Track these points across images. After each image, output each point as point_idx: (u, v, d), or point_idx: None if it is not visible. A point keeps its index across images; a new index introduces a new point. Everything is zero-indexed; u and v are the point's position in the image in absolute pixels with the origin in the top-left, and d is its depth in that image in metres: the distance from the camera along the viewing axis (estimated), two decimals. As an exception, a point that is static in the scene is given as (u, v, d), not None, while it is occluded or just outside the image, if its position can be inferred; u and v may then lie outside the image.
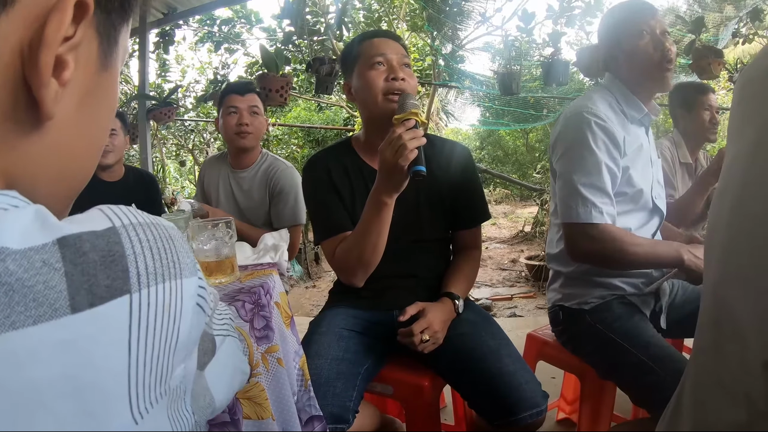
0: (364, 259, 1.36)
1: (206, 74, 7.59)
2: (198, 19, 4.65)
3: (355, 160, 1.53)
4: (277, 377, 1.02)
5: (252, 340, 0.97)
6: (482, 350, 1.33)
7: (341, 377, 1.25)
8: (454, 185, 1.53)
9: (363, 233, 1.33)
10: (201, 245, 1.16)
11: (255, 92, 2.18)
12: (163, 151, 8.32)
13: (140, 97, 4.08)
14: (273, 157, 2.26)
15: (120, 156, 2.58)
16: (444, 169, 1.52)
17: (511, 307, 4.26)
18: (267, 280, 1.15)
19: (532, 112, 7.95)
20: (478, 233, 1.61)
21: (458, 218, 1.55)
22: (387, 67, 1.41)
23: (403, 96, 1.33)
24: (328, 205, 1.47)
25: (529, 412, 1.23)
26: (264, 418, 0.92)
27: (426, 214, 1.50)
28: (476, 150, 15.53)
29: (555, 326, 1.62)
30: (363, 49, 1.44)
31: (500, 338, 1.39)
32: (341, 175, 1.49)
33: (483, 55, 15.51)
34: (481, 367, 1.29)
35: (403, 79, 1.39)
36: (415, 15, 6.23)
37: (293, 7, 3.16)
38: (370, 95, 1.41)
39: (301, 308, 4.58)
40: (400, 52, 1.44)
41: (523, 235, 7.70)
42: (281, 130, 7.70)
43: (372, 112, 1.44)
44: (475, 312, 1.50)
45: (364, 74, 1.42)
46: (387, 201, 1.28)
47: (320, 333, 1.39)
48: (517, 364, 1.30)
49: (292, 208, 2.14)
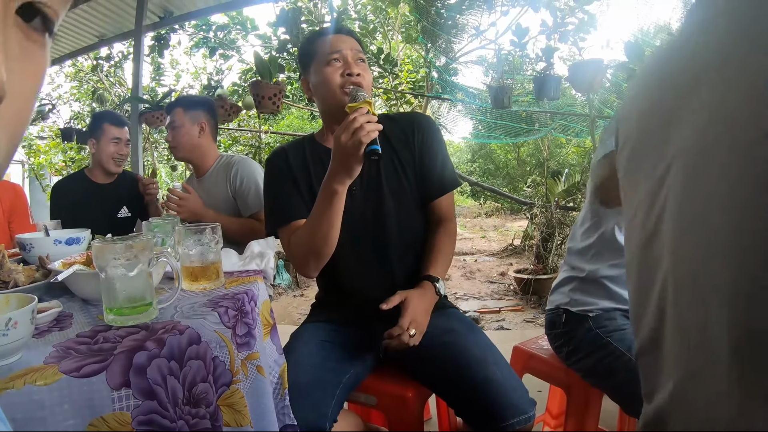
0: (315, 249, 1.35)
1: (200, 79, 7.58)
2: (194, 23, 4.66)
3: (315, 146, 1.55)
4: (257, 385, 1.01)
5: (233, 346, 0.96)
6: (468, 358, 1.31)
7: (319, 385, 1.24)
8: (415, 154, 1.51)
9: (314, 223, 1.33)
10: (186, 250, 1.16)
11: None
12: (154, 155, 8.27)
13: (133, 99, 4.06)
14: (229, 155, 2.35)
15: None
16: (405, 141, 1.51)
17: (499, 320, 4.26)
18: (251, 287, 1.14)
19: (523, 126, 8.02)
20: (451, 203, 1.58)
21: (427, 186, 1.52)
22: (343, 63, 1.43)
23: (354, 89, 1.35)
24: (285, 192, 1.48)
25: (517, 418, 1.22)
26: (243, 425, 0.91)
27: (392, 190, 1.48)
28: (467, 162, 15.61)
29: (552, 329, 1.61)
30: (319, 46, 1.46)
31: (486, 346, 1.38)
32: (300, 162, 1.51)
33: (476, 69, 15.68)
34: (467, 374, 1.28)
35: (359, 74, 1.41)
36: (409, 27, 6.27)
37: (289, 16, 3.18)
38: (328, 91, 1.43)
39: (289, 316, 4.55)
40: (355, 47, 1.46)
41: (513, 249, 7.71)
42: (273, 137, 7.68)
43: (330, 106, 1.46)
44: (460, 321, 1.48)
45: (321, 71, 1.44)
46: (338, 189, 1.27)
47: (302, 342, 1.39)
48: (504, 371, 1.29)
49: (255, 193, 2.19)
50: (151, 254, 0.94)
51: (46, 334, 0.87)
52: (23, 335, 0.74)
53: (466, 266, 6.78)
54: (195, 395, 0.82)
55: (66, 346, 0.80)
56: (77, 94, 8.00)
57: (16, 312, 0.73)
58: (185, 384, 0.81)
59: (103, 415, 0.70)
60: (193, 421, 0.81)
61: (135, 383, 0.74)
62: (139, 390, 0.74)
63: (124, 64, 6.42)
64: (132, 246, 0.90)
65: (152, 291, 0.94)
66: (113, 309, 0.89)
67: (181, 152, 2.28)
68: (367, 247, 1.46)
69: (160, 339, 0.81)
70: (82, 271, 1.04)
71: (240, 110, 3.77)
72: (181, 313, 0.96)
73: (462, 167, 14.90)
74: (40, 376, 0.68)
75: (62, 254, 1.29)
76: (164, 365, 0.78)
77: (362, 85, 1.39)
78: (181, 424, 0.78)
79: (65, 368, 0.71)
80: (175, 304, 1.01)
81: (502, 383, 1.25)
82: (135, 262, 0.90)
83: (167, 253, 1.00)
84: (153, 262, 0.95)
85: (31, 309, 0.75)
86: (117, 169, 2.63)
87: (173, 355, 0.81)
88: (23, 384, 0.67)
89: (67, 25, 4.33)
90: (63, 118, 7.57)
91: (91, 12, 4.12)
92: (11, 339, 0.71)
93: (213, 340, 0.90)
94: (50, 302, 1.00)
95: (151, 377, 0.76)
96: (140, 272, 0.91)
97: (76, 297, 1.09)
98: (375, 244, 1.47)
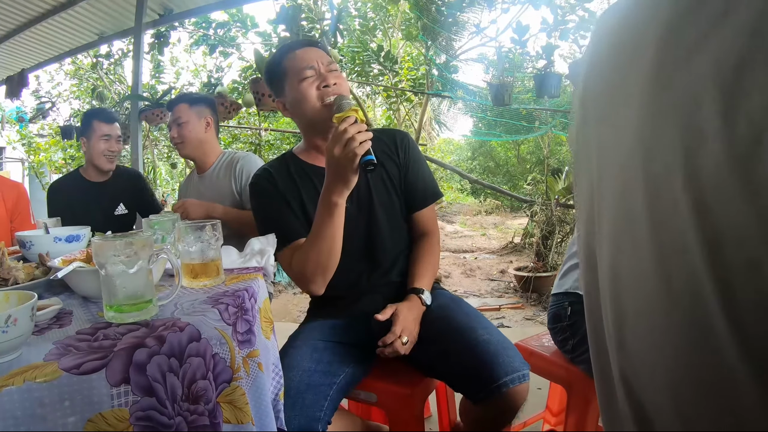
0: (321, 265, 1.35)
1: (200, 77, 7.58)
2: (193, 21, 4.64)
3: (299, 163, 1.53)
4: (258, 382, 1.01)
5: (234, 343, 0.96)
6: (454, 327, 1.35)
7: (311, 389, 1.25)
8: (403, 167, 1.55)
9: (317, 238, 1.33)
10: (187, 247, 1.15)
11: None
12: (154, 152, 8.26)
13: (133, 97, 4.06)
14: (232, 151, 2.37)
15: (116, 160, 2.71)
16: (390, 155, 1.54)
17: (499, 318, 4.26)
18: (252, 284, 1.14)
19: (524, 123, 8.00)
20: (433, 215, 1.62)
21: (411, 199, 1.56)
22: (316, 76, 1.43)
23: (338, 98, 1.34)
24: (278, 214, 1.47)
25: (510, 376, 1.21)
26: (244, 423, 0.91)
27: (383, 203, 1.51)
28: (468, 160, 15.57)
29: (557, 323, 1.61)
30: (289, 64, 1.46)
31: (474, 314, 1.42)
32: (287, 181, 1.49)
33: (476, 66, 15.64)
34: (458, 340, 1.30)
35: (335, 83, 1.41)
36: (410, 24, 6.27)
37: (289, 13, 3.17)
38: (308, 106, 1.42)
39: (288, 314, 4.55)
40: (324, 58, 1.46)
41: (513, 247, 7.71)
42: (273, 135, 7.68)
43: (311, 120, 1.45)
44: (444, 297, 1.53)
45: (296, 88, 1.43)
46: (338, 201, 1.27)
47: (295, 346, 1.40)
48: (492, 334, 1.31)
49: None
50: (151, 251, 0.94)
51: (46, 332, 0.87)
52: (23, 332, 0.73)
53: (466, 264, 6.78)
54: (194, 392, 0.82)
55: (66, 343, 0.80)
56: (77, 92, 8.00)
57: (15, 309, 0.73)
58: (184, 381, 0.81)
59: (101, 412, 0.70)
60: (191, 418, 0.81)
61: (135, 380, 0.74)
62: (139, 387, 0.74)
63: (123, 61, 6.42)
64: (132, 243, 0.90)
65: (152, 288, 0.94)
66: (113, 306, 0.89)
67: (188, 148, 2.26)
68: (360, 257, 1.49)
69: (161, 336, 0.81)
70: (82, 268, 1.04)
71: (240, 108, 3.77)
72: (181, 310, 0.96)
73: (462, 165, 14.88)
74: (40, 373, 0.68)
75: (62, 251, 1.29)
76: (164, 362, 0.78)
77: (340, 94, 1.39)
78: (179, 420, 0.78)
79: (65, 365, 0.70)
80: (176, 301, 1.01)
81: (492, 343, 1.27)
82: (135, 259, 0.90)
83: (167, 250, 1.00)
84: (153, 259, 0.95)
85: (30, 306, 0.75)
86: (109, 166, 2.62)
87: (173, 352, 0.81)
88: (23, 381, 0.66)
89: (66, 22, 4.32)
90: (63, 115, 7.59)
91: (91, 9, 4.12)
92: (11, 336, 0.71)
93: (213, 337, 0.90)
94: (50, 299, 1.00)
95: (151, 374, 0.76)
96: (140, 269, 0.90)
97: (76, 294, 1.09)
98: (368, 254, 1.51)
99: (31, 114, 6.81)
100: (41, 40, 4.67)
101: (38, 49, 4.93)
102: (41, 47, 4.89)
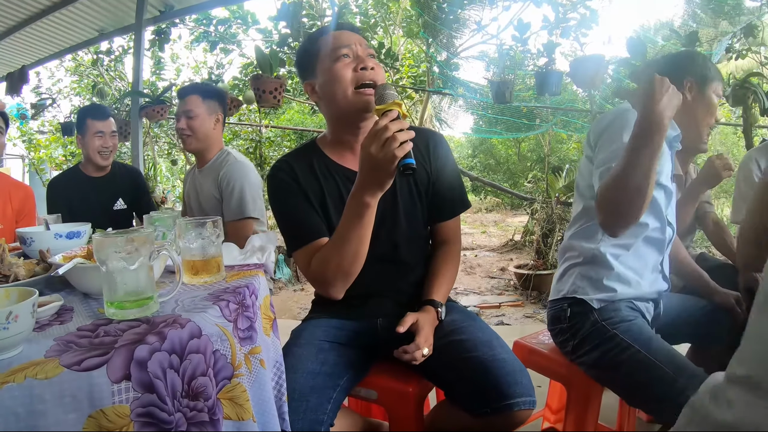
0: (344, 269, 1.27)
1: (201, 74, 7.57)
2: (194, 18, 4.63)
3: (323, 158, 1.42)
4: (260, 379, 1.01)
5: (235, 340, 0.96)
6: (474, 341, 1.29)
7: (315, 392, 1.21)
8: (433, 175, 1.47)
9: (342, 240, 1.24)
10: (187, 244, 1.15)
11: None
12: (155, 149, 8.25)
13: (133, 94, 4.05)
14: (227, 152, 2.31)
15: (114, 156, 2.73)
16: (422, 159, 1.45)
17: (499, 315, 4.26)
18: (252, 280, 1.14)
19: (524, 121, 8.00)
20: (458, 225, 1.55)
21: (438, 209, 1.49)
22: (353, 58, 1.33)
23: (381, 86, 1.22)
24: (298, 210, 1.37)
25: (522, 398, 1.19)
26: (245, 419, 0.91)
27: (406, 209, 1.44)
28: (468, 158, 15.57)
29: (556, 324, 1.60)
30: (324, 44, 1.36)
31: (489, 332, 1.37)
32: (309, 177, 1.39)
33: (477, 64, 15.62)
34: (473, 355, 1.25)
35: (373, 68, 1.31)
36: (411, 21, 6.26)
37: (290, 10, 3.17)
38: (340, 89, 1.31)
39: (289, 311, 4.56)
40: (363, 42, 1.36)
41: (513, 244, 7.71)
42: (274, 132, 7.68)
43: (342, 108, 1.34)
44: (460, 312, 1.49)
45: (330, 69, 1.32)
46: (370, 202, 1.18)
47: (299, 345, 1.35)
48: (509, 354, 1.28)
49: (238, 200, 2.15)
50: (152, 248, 0.94)
51: (46, 328, 0.87)
52: (24, 329, 0.74)
53: (466, 261, 6.78)
54: (194, 389, 0.82)
55: (67, 339, 0.80)
56: (77, 89, 8.00)
57: (16, 306, 0.73)
58: (185, 377, 0.81)
59: (102, 408, 0.70)
60: (190, 414, 0.81)
61: (135, 376, 0.74)
62: (139, 383, 0.74)
63: (124, 58, 6.41)
64: (133, 239, 0.90)
65: (153, 284, 0.94)
66: (114, 302, 0.89)
67: (195, 142, 2.24)
68: (375, 261, 1.36)
69: (161, 333, 0.81)
70: (83, 264, 1.04)
71: (241, 104, 3.77)
72: (182, 307, 0.96)
73: (463, 162, 14.87)
74: (41, 370, 0.68)
75: (63, 248, 1.29)
76: (165, 359, 0.78)
77: (377, 81, 1.29)
78: (178, 416, 0.78)
79: (66, 362, 0.70)
80: (176, 297, 1.01)
81: (509, 362, 1.24)
82: (136, 256, 0.89)
83: (168, 246, 1.00)
84: (154, 255, 0.95)
85: (31, 303, 0.75)
86: (104, 161, 2.65)
87: (174, 348, 0.81)
88: (24, 377, 0.67)
89: (67, 19, 4.32)
90: (63, 112, 7.57)
91: (92, 6, 4.12)
92: (12, 332, 0.71)
93: (214, 333, 0.90)
94: (51, 296, 1.00)
95: (152, 371, 0.76)
96: (141, 266, 0.90)
97: (76, 291, 1.09)
98: (384, 260, 1.42)
99: (32, 112, 6.80)
100: (42, 36, 4.67)
101: (39, 45, 4.93)
102: (42, 44, 4.88)
